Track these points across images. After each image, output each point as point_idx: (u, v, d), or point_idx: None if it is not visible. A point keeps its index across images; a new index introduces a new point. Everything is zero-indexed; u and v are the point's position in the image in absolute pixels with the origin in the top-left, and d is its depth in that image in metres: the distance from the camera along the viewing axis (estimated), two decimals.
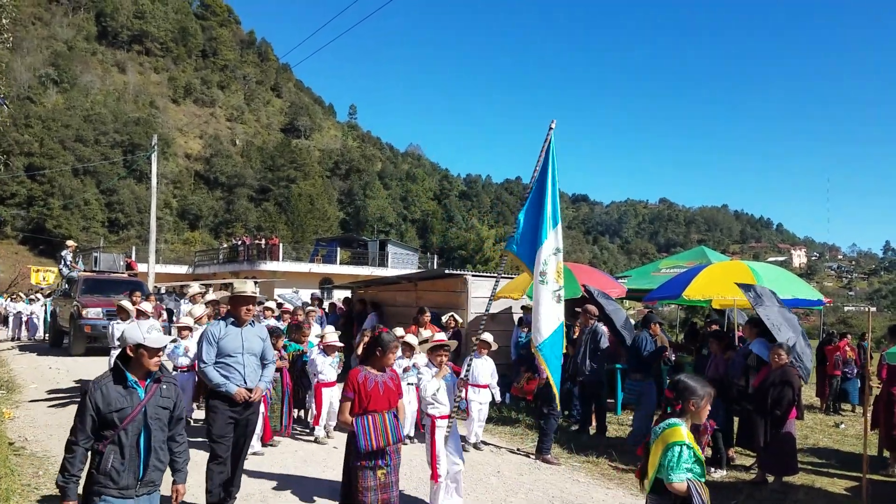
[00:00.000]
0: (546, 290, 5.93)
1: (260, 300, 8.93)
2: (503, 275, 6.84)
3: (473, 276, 11.06)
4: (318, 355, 7.55)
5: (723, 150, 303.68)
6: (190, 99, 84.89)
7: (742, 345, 7.81)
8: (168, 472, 3.49)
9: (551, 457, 7.09)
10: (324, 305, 14.42)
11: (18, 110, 55.09)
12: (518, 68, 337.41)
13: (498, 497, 5.80)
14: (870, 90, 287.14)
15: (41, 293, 25.16)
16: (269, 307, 9.67)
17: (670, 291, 10.26)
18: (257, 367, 5.06)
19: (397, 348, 4.46)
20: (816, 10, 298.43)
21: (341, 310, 14.01)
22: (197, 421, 7.86)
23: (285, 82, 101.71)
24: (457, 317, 9.75)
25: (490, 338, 7.40)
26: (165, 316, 13.90)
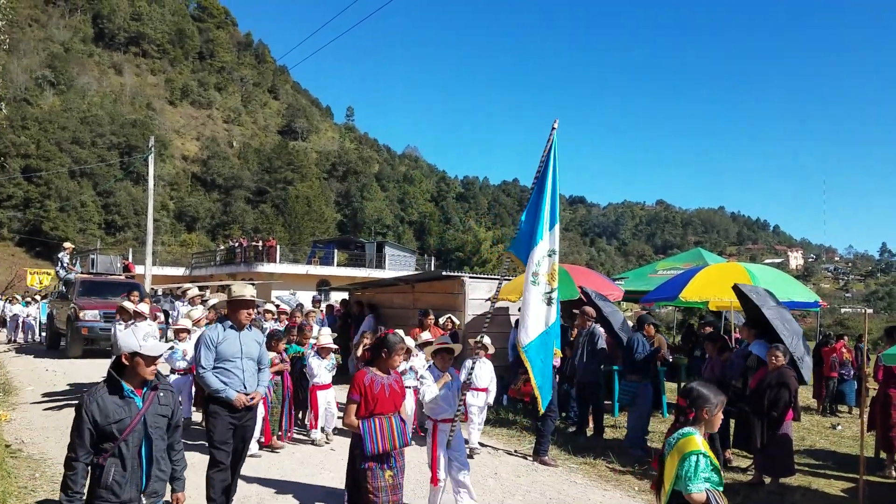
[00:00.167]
0: (536, 291, 5.90)
1: (258, 304, 8.92)
2: (504, 277, 6.84)
3: (471, 278, 11.05)
4: (313, 358, 7.50)
5: (720, 152, 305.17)
6: (187, 101, 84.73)
7: (739, 346, 7.83)
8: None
9: (549, 458, 7.09)
10: (321, 307, 14.42)
11: (15, 112, 55.00)
12: (518, 68, 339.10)
13: (495, 499, 5.80)
14: (869, 90, 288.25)
15: (38, 295, 25.08)
16: (269, 310, 9.67)
17: (667, 293, 10.30)
18: (255, 372, 5.04)
19: (403, 350, 4.43)
20: (816, 10, 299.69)
21: (339, 312, 14.02)
22: (195, 423, 7.85)
23: (282, 84, 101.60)
24: (454, 318, 9.76)
25: (489, 341, 7.39)
26: (162, 318, 13.90)
